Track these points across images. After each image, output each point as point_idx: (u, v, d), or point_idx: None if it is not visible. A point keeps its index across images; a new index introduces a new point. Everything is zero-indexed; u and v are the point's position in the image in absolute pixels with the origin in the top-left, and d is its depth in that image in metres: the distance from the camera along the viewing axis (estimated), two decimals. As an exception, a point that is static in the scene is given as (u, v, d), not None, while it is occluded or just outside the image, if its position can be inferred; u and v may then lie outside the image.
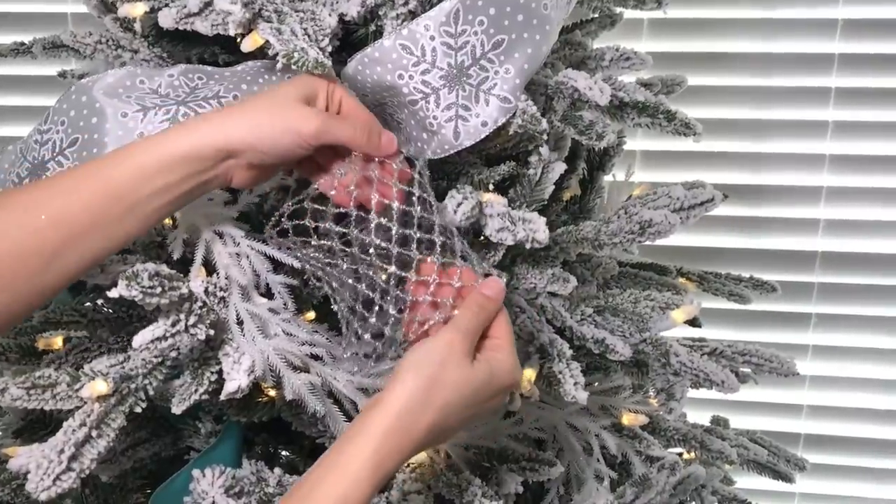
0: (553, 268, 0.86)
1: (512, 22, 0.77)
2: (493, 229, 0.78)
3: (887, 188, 1.52)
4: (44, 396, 0.73)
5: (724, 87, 1.51)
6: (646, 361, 0.89)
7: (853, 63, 1.47)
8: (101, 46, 0.85)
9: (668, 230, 0.79)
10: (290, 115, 0.67)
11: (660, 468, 0.95)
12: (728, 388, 0.87)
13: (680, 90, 1.09)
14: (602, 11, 1.04)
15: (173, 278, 0.73)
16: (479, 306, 0.66)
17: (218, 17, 0.74)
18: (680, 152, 1.54)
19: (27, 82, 1.62)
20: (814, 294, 1.58)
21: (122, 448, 0.91)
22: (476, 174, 0.82)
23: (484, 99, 0.78)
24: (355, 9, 0.78)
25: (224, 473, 0.82)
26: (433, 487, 0.83)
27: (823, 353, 1.60)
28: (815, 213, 1.54)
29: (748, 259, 1.56)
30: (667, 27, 1.49)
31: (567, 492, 0.96)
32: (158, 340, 0.73)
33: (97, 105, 0.78)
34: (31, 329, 0.87)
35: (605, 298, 0.89)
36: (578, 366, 0.80)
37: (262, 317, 0.78)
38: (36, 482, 0.70)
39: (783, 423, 1.63)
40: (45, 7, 1.59)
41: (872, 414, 1.61)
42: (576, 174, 1.00)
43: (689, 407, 1.12)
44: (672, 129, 0.84)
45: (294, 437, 0.89)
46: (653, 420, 0.98)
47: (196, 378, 0.77)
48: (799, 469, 1.14)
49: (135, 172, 0.64)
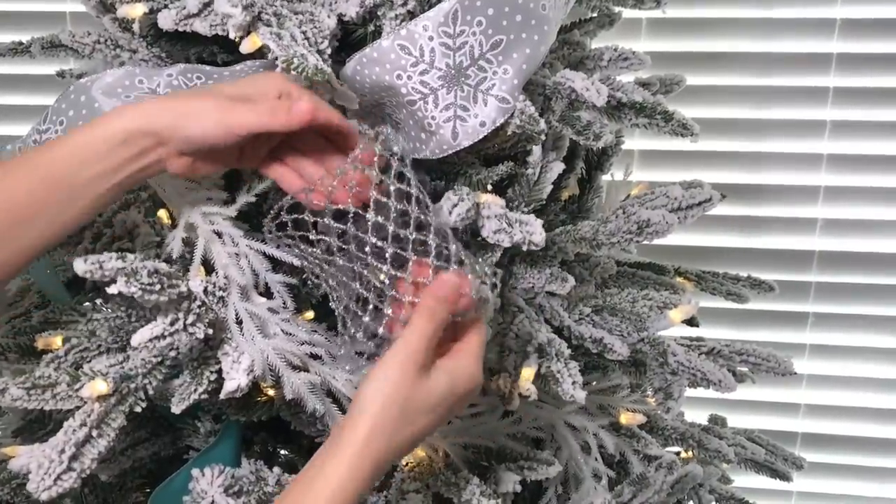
0: (551, 267, 0.86)
1: (510, 22, 0.77)
2: (489, 231, 0.78)
3: (885, 188, 1.52)
4: (44, 396, 0.74)
5: (722, 87, 1.51)
6: (644, 361, 0.89)
7: (851, 63, 1.48)
8: (99, 46, 0.85)
9: (666, 230, 0.79)
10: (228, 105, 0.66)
11: (657, 467, 0.95)
12: (725, 387, 0.87)
13: (678, 90, 1.09)
14: (600, 11, 1.04)
15: (172, 276, 0.73)
16: (429, 313, 0.64)
17: (217, 18, 0.75)
18: (678, 152, 1.54)
19: (26, 81, 1.61)
20: (811, 293, 1.58)
21: (122, 447, 0.91)
22: (474, 174, 0.82)
23: (482, 99, 0.78)
24: (354, 9, 0.78)
25: (223, 473, 0.82)
26: (431, 486, 0.84)
27: (821, 352, 1.60)
28: (812, 212, 1.54)
29: (746, 258, 1.56)
30: (665, 27, 1.49)
31: (565, 491, 0.96)
32: (157, 339, 0.73)
33: (96, 105, 0.78)
34: (31, 329, 0.87)
35: (603, 298, 0.89)
36: (576, 365, 0.80)
37: (261, 316, 0.78)
38: (37, 482, 0.70)
39: (781, 421, 1.63)
40: (44, 6, 1.59)
41: (870, 413, 1.61)
42: (574, 174, 1.00)
43: (687, 406, 1.13)
44: (669, 130, 0.84)
45: (293, 436, 0.89)
46: (650, 419, 0.98)
47: (195, 377, 0.77)
48: (796, 468, 1.15)
49: (72, 157, 0.65)
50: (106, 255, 0.71)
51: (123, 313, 0.79)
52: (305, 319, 0.82)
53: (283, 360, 0.77)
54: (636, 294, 0.89)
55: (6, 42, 0.99)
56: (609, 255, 0.99)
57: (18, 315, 1.00)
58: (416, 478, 0.84)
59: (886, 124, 1.49)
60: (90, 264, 0.70)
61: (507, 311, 0.85)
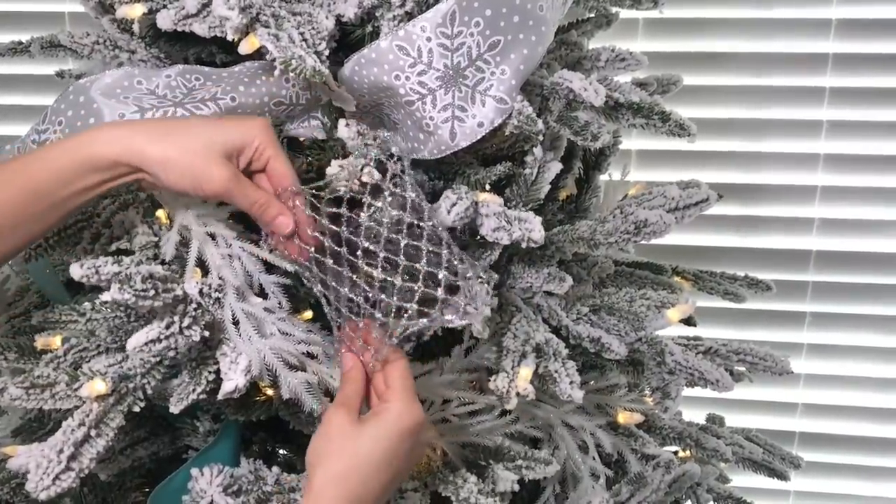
0: (549, 267, 0.86)
1: (508, 23, 0.77)
2: (488, 229, 0.78)
3: (881, 187, 1.52)
4: (43, 396, 0.74)
5: (720, 87, 1.52)
6: (641, 360, 0.89)
7: (847, 63, 1.48)
8: (98, 47, 0.85)
9: (663, 230, 0.80)
10: (200, 167, 0.69)
11: (655, 466, 0.95)
12: (722, 386, 0.87)
13: (675, 90, 1.10)
14: (598, 11, 1.04)
15: (167, 280, 0.73)
16: (347, 380, 0.71)
17: (216, 19, 0.75)
18: (676, 152, 1.54)
19: (25, 81, 1.62)
20: (808, 293, 1.58)
21: (121, 447, 0.91)
22: (472, 174, 0.82)
23: (480, 100, 0.78)
24: (352, 10, 0.79)
25: (222, 472, 0.82)
26: (430, 485, 0.84)
27: (818, 351, 1.61)
28: (809, 212, 1.54)
29: (743, 258, 1.56)
30: (662, 27, 1.50)
31: (563, 490, 0.97)
32: (153, 343, 0.73)
33: (94, 106, 0.78)
34: (30, 329, 0.87)
35: (600, 297, 0.89)
36: (574, 365, 0.80)
37: (257, 316, 0.78)
38: (35, 481, 0.71)
39: (778, 421, 1.64)
40: (43, 6, 1.59)
41: (867, 412, 1.62)
42: (572, 174, 1.00)
43: (685, 405, 1.13)
44: (666, 130, 0.84)
45: (292, 435, 0.89)
46: (648, 418, 0.99)
47: (194, 377, 0.77)
48: (794, 467, 1.15)
49: (55, 175, 0.68)
50: (102, 260, 0.71)
51: (122, 313, 0.79)
52: (303, 319, 0.82)
53: (281, 359, 0.77)
54: (634, 293, 0.89)
55: (5, 42, 0.99)
56: (607, 255, 0.99)
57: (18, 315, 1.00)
58: (415, 477, 0.85)
59: (883, 124, 1.50)
60: (87, 269, 0.70)
61: (504, 310, 0.85)
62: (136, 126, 0.71)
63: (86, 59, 0.89)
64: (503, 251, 0.83)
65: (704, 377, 0.86)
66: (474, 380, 0.90)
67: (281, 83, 0.80)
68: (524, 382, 0.80)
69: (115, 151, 0.68)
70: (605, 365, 0.95)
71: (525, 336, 0.82)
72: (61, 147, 0.69)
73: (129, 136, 0.69)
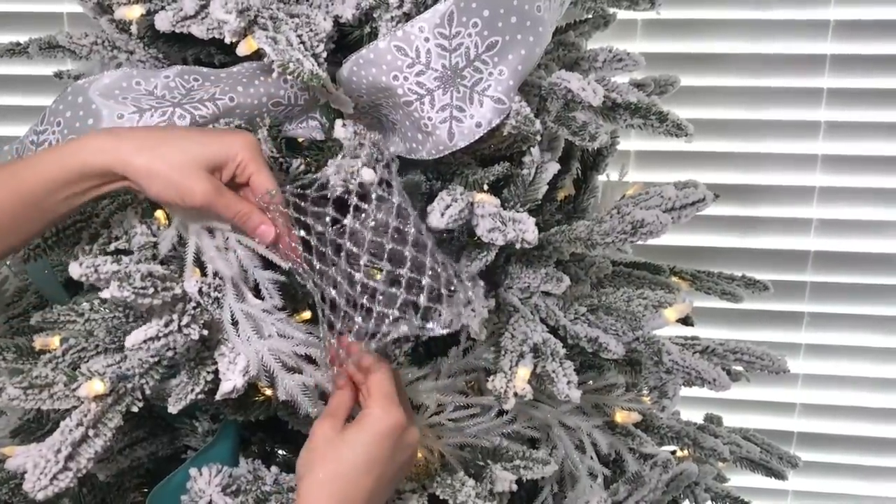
0: (547, 267, 0.87)
1: (506, 24, 0.78)
2: (484, 229, 0.79)
3: (879, 188, 1.53)
4: (41, 396, 0.74)
5: (717, 88, 1.52)
6: (639, 360, 0.89)
7: (845, 64, 1.48)
8: (97, 47, 0.85)
9: (660, 230, 0.80)
10: (182, 180, 0.70)
11: (653, 465, 0.95)
12: (720, 386, 0.87)
13: (673, 90, 1.10)
14: (595, 12, 1.04)
15: (166, 278, 0.73)
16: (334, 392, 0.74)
17: (213, 21, 0.75)
18: (674, 152, 1.54)
19: (23, 82, 1.62)
20: (806, 293, 1.59)
21: (120, 447, 0.91)
22: (470, 175, 0.83)
23: (478, 100, 0.78)
24: (350, 11, 0.79)
25: (221, 472, 0.82)
26: (427, 487, 0.84)
27: (816, 351, 1.61)
28: (807, 212, 1.55)
29: (741, 258, 1.56)
30: (660, 28, 1.50)
31: (561, 489, 0.97)
32: (151, 341, 0.73)
33: (93, 106, 0.79)
34: (29, 329, 0.87)
35: (598, 297, 0.89)
36: (572, 364, 0.81)
37: (256, 317, 0.78)
38: (33, 482, 0.71)
39: (776, 420, 1.64)
40: (42, 7, 1.60)
41: (865, 412, 1.62)
42: (570, 174, 1.00)
43: (683, 405, 1.13)
44: (664, 130, 0.85)
45: (290, 435, 0.89)
46: (646, 418, 0.99)
47: (192, 377, 0.77)
48: (792, 466, 1.15)
49: (45, 183, 0.70)
50: (101, 259, 0.71)
51: (121, 313, 0.79)
52: (301, 320, 0.82)
53: (278, 361, 0.77)
54: (631, 293, 0.89)
55: (4, 43, 0.99)
56: (604, 255, 0.99)
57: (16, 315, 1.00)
58: (412, 479, 0.85)
59: (880, 125, 1.50)
60: (86, 268, 0.70)
61: (502, 310, 0.85)
62: (125, 136, 0.72)
63: (84, 60, 0.89)
64: (500, 251, 0.83)
65: (702, 377, 0.87)
66: (472, 380, 0.90)
67: (279, 84, 0.81)
68: (522, 382, 0.80)
69: (103, 161, 0.70)
70: (602, 365, 0.96)
71: (523, 336, 0.82)
72: (51, 155, 0.71)
73: (116, 148, 0.70)
